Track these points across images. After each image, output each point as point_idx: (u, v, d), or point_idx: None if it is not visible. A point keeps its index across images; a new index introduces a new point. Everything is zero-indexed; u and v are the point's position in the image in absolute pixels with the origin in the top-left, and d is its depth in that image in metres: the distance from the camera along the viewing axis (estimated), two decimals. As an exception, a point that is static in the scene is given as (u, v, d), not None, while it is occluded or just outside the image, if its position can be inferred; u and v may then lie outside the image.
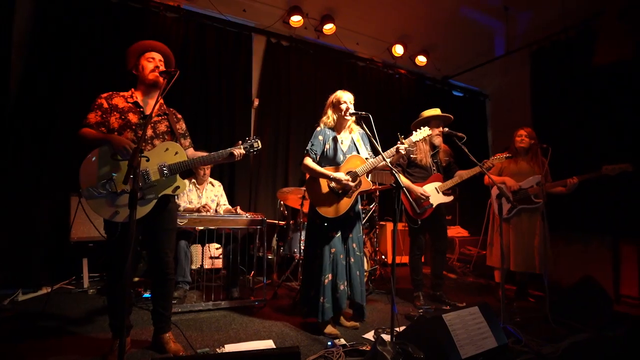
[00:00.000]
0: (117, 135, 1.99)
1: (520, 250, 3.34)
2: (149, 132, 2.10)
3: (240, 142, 2.26)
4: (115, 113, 2.05)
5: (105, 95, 2.09)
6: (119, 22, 3.92)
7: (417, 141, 3.21)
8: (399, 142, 2.46)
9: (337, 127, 2.67)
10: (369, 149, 2.72)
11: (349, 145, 2.67)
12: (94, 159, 1.91)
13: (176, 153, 2.07)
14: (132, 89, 2.18)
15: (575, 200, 3.41)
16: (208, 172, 3.67)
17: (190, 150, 2.32)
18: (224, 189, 3.87)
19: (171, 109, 2.27)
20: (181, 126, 2.29)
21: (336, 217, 2.52)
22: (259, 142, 2.31)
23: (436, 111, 3.26)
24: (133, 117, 2.07)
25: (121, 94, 2.14)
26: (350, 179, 2.48)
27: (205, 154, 2.18)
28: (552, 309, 2.75)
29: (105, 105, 2.06)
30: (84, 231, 3.32)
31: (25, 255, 3.33)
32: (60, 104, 3.56)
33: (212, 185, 3.77)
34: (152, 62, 2.14)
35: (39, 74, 3.50)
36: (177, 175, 2.08)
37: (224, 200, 3.79)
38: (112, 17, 3.90)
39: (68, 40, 3.65)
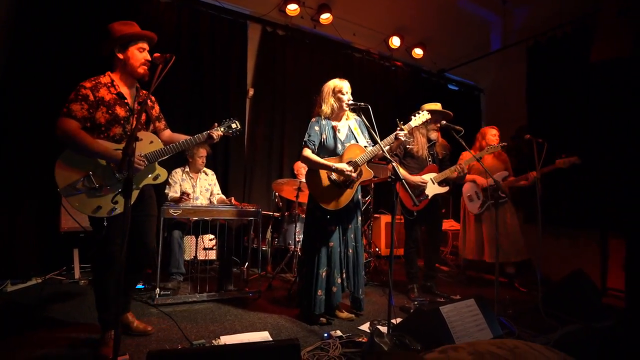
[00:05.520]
0: (106, 140, 1.93)
1: (493, 242, 3.48)
2: (134, 124, 2.05)
3: (216, 123, 2.31)
4: (102, 107, 1.92)
5: (89, 85, 1.91)
6: (110, 5, 3.78)
7: (415, 132, 3.24)
8: (398, 129, 2.44)
9: (335, 116, 2.63)
10: (367, 136, 2.68)
11: (346, 134, 2.64)
12: (68, 157, 1.86)
13: (151, 142, 2.05)
14: (109, 73, 2.02)
15: (564, 195, 3.46)
16: (203, 160, 3.60)
17: (167, 132, 2.29)
18: (218, 179, 3.82)
19: (143, 91, 2.15)
20: (156, 109, 2.26)
21: (337, 209, 2.50)
22: (237, 123, 2.38)
23: (437, 105, 3.26)
24: (120, 111, 1.98)
25: (102, 81, 1.97)
26: (353, 169, 2.44)
27: (183, 137, 2.16)
28: (543, 301, 2.80)
29: (92, 97, 1.89)
30: (74, 221, 3.24)
31: (12, 246, 3.24)
32: (46, 92, 3.41)
33: (206, 174, 3.71)
34: (143, 54, 2.02)
35: (23, 60, 3.35)
36: (156, 164, 2.07)
37: (217, 189, 3.74)
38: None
39: (54, 26, 3.50)
